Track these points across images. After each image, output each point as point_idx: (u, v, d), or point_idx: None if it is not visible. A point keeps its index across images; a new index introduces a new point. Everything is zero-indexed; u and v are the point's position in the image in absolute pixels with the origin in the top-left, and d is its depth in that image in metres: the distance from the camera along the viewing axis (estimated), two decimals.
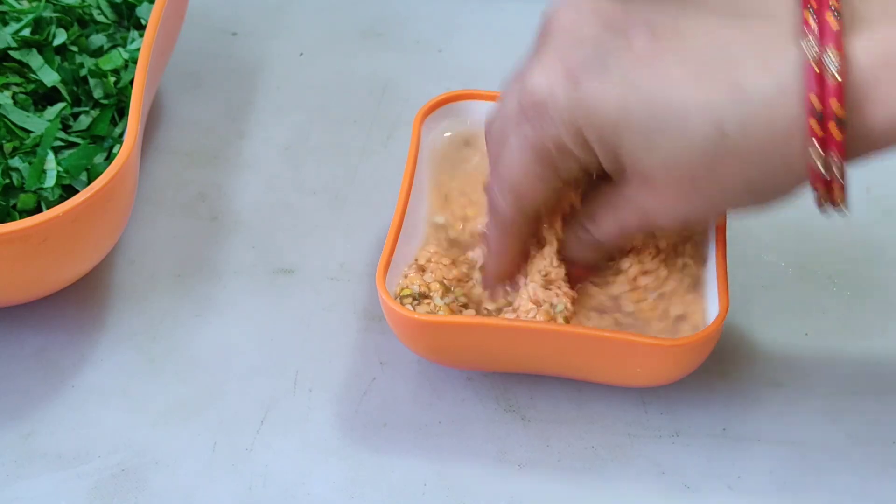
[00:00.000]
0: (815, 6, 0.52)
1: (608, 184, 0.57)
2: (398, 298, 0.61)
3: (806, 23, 0.52)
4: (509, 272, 0.61)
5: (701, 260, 0.62)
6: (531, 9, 0.80)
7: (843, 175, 0.53)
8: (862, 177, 0.71)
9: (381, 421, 0.62)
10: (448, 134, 0.67)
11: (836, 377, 0.63)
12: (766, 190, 0.54)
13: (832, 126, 0.51)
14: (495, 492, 0.59)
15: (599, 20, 0.55)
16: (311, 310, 0.66)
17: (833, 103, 0.51)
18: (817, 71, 0.51)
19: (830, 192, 0.53)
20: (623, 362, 0.59)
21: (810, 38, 0.51)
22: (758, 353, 0.64)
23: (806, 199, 0.71)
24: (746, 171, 0.53)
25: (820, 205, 0.55)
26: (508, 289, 0.62)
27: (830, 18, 0.51)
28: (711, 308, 0.60)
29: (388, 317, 0.60)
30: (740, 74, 0.52)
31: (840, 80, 0.51)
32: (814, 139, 0.52)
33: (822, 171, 0.52)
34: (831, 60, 0.51)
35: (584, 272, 0.62)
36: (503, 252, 0.60)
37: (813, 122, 0.51)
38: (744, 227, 0.68)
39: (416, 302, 0.61)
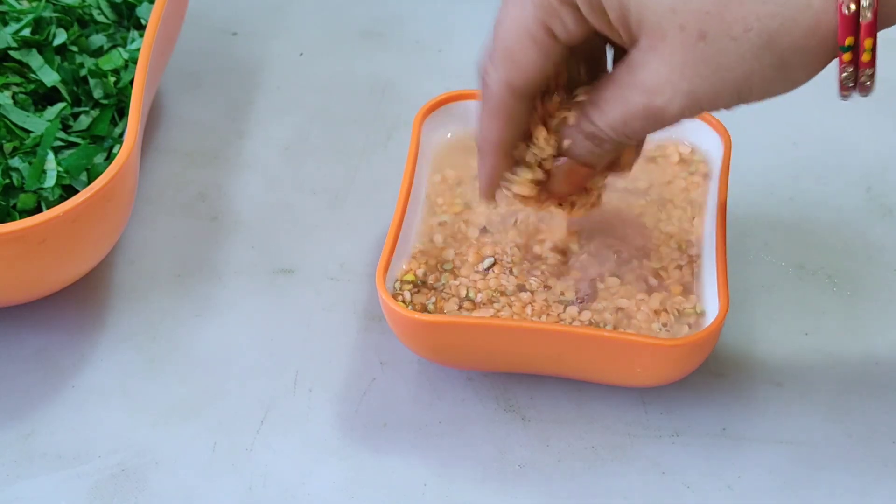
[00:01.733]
0: None
1: (617, 66, 0.54)
2: (398, 283, 0.61)
3: None
4: (503, 166, 0.58)
5: (701, 260, 0.63)
6: None
7: (874, 20, 0.49)
8: (862, 177, 0.72)
9: (381, 421, 0.62)
10: (448, 134, 0.67)
11: (836, 377, 0.63)
12: (784, 52, 0.50)
13: None
14: (495, 492, 0.59)
15: None
16: (311, 310, 0.66)
17: None
18: None
19: (860, 46, 0.50)
20: (623, 362, 0.59)
21: None
22: (758, 353, 0.64)
23: (806, 198, 0.71)
24: (764, 13, 0.49)
25: (847, 84, 0.51)
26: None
27: None
28: (711, 308, 0.60)
29: (388, 317, 0.60)
30: None
31: None
32: None
33: (849, 8, 0.48)
34: None
35: (574, 183, 0.58)
36: (494, 141, 0.57)
37: None
38: (744, 227, 0.68)
39: (415, 290, 0.61)
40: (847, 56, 0.50)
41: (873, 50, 0.50)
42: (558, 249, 0.63)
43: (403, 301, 0.61)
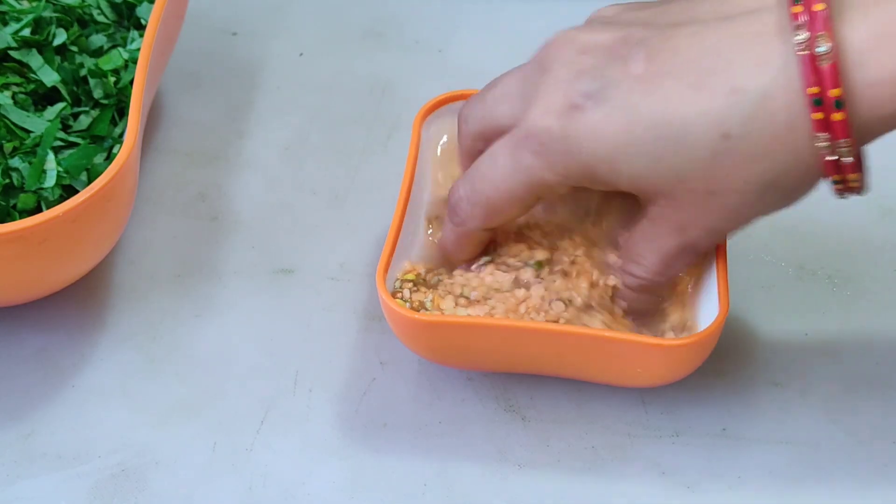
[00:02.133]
0: None
1: (639, 221, 0.58)
2: (399, 282, 0.61)
3: (794, 14, 0.52)
4: (464, 261, 0.63)
5: (701, 260, 0.62)
6: (531, 9, 0.81)
7: (856, 157, 0.53)
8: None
9: (381, 421, 0.62)
10: (448, 134, 0.67)
11: (836, 377, 0.63)
12: (783, 188, 0.55)
13: (832, 109, 0.52)
14: (495, 492, 0.59)
15: (597, 50, 0.56)
16: (311, 310, 0.66)
17: (829, 86, 0.51)
18: (809, 57, 0.52)
19: (846, 178, 0.54)
20: (623, 362, 0.59)
21: (800, 26, 0.52)
22: (758, 353, 0.64)
23: (807, 199, 0.71)
24: (758, 171, 0.54)
25: (841, 194, 0.56)
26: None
27: (818, 6, 0.52)
28: (711, 308, 0.60)
29: (388, 317, 0.60)
30: (735, 76, 0.53)
31: (833, 62, 0.51)
32: (816, 125, 0.52)
33: (831, 156, 0.53)
34: (823, 45, 0.51)
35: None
36: (458, 252, 0.62)
37: (813, 109, 0.52)
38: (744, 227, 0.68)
39: (415, 288, 0.61)
40: (839, 186, 0.55)
41: (860, 179, 0.55)
42: (554, 247, 0.63)
43: (402, 299, 0.61)
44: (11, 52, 0.67)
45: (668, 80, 0.54)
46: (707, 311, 0.60)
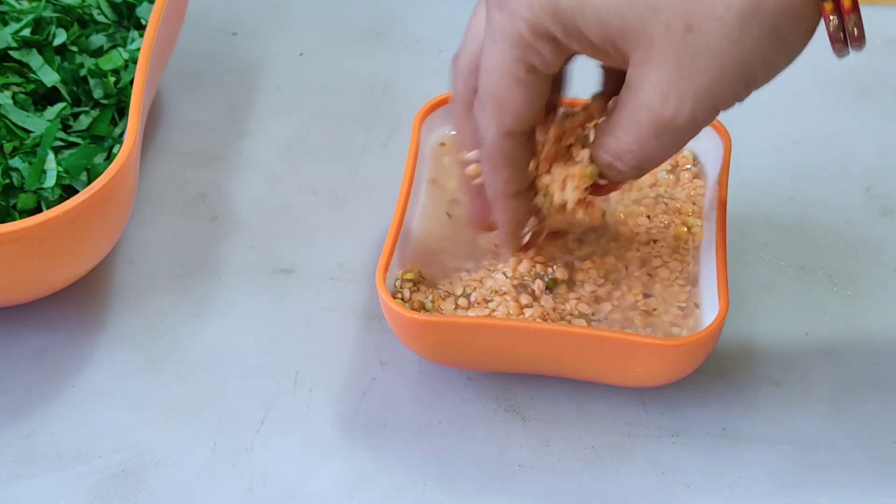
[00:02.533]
0: None
1: (620, 94, 0.53)
2: (399, 281, 0.61)
3: None
4: (522, 212, 0.58)
5: (701, 260, 0.63)
6: None
7: None
8: (862, 177, 0.72)
9: (381, 421, 0.62)
10: (449, 134, 0.67)
11: (836, 377, 0.63)
12: (772, 24, 0.49)
13: None
14: (495, 492, 0.59)
15: None
16: (311, 310, 0.66)
17: None
18: None
19: (842, 10, 0.49)
20: (623, 362, 0.59)
21: None
22: (758, 353, 0.64)
23: (806, 198, 0.71)
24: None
25: (839, 44, 0.50)
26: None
27: None
28: (711, 308, 0.60)
29: (388, 316, 0.60)
30: None
31: None
32: None
33: None
34: None
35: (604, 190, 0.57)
36: (507, 192, 0.57)
37: None
38: (744, 227, 0.68)
39: (415, 288, 0.61)
40: (829, 6, 0.49)
41: (859, 20, 0.49)
42: (558, 250, 0.63)
43: (402, 299, 0.61)
44: (11, 52, 0.67)
45: None
46: (707, 311, 0.60)
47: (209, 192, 0.71)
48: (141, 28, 0.71)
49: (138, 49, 0.68)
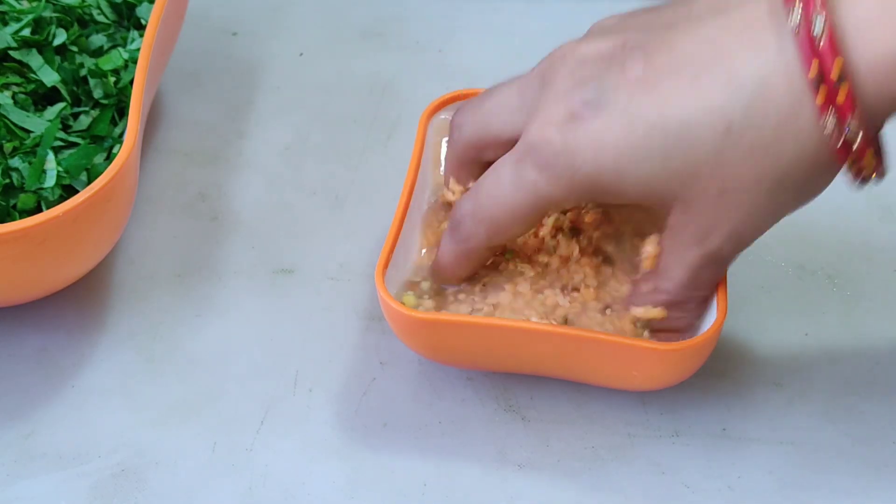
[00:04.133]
0: None
1: (663, 236, 0.58)
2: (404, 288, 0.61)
3: None
4: (459, 280, 0.62)
5: None
6: (531, 9, 0.81)
7: (866, 138, 0.51)
8: None
9: (381, 421, 0.62)
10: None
11: (836, 377, 0.63)
12: (796, 183, 0.53)
13: (834, 86, 0.50)
14: (495, 492, 0.59)
15: (596, 59, 0.55)
16: (311, 310, 0.66)
17: (829, 62, 0.50)
18: (806, 37, 0.50)
19: (860, 164, 0.52)
20: (620, 365, 0.59)
21: (795, 7, 0.51)
22: (758, 353, 0.64)
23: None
24: (767, 165, 0.52)
25: (860, 182, 0.54)
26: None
27: None
28: (710, 312, 0.60)
29: (388, 315, 0.60)
30: (733, 65, 0.52)
31: (830, 38, 0.50)
32: (820, 108, 0.51)
33: (839, 138, 0.51)
34: (819, 23, 0.50)
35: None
36: (457, 271, 0.61)
37: (815, 91, 0.50)
38: None
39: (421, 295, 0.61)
40: (854, 169, 0.53)
41: (877, 156, 0.53)
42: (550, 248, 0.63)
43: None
44: (11, 52, 0.67)
45: (666, 79, 0.53)
46: (706, 315, 0.60)
47: (209, 192, 0.71)
48: (141, 28, 0.71)
49: (138, 49, 0.68)
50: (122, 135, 0.66)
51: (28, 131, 0.65)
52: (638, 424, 0.62)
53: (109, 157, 0.65)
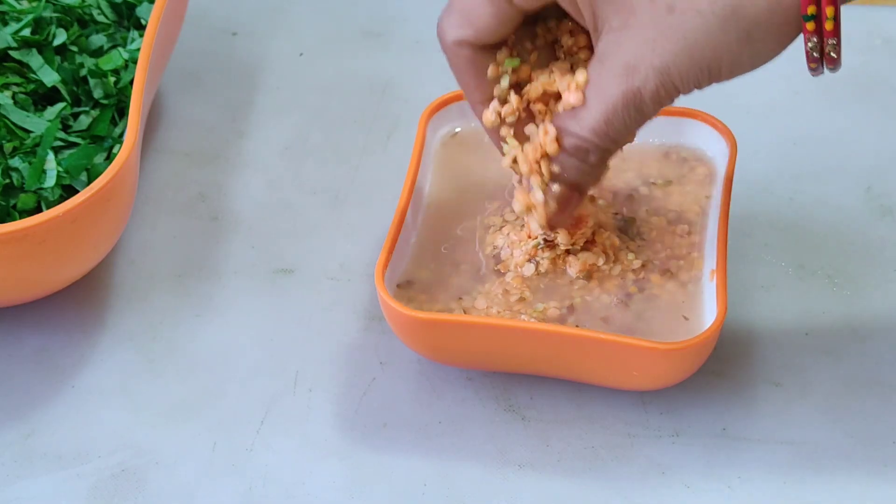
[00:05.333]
0: None
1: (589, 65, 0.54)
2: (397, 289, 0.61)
3: None
4: (481, 99, 0.58)
5: (701, 263, 0.62)
6: None
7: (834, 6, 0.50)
8: (862, 177, 0.72)
9: (381, 421, 0.62)
10: (458, 129, 0.67)
11: (836, 377, 0.63)
12: (751, 25, 0.50)
13: None
14: (495, 492, 0.59)
15: None
16: (311, 310, 0.66)
17: None
18: None
19: (821, 23, 0.50)
20: (619, 365, 0.59)
21: None
22: (758, 353, 0.64)
23: (806, 198, 0.71)
24: None
25: (814, 62, 0.52)
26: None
27: None
28: (710, 311, 0.60)
29: (388, 315, 0.60)
30: None
31: None
32: None
33: None
34: None
35: (569, 210, 0.58)
36: (479, 100, 0.58)
37: None
38: (744, 228, 0.68)
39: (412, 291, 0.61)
40: (811, 25, 0.50)
41: (835, 18, 0.50)
42: (555, 249, 0.63)
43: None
44: (11, 52, 0.67)
45: None
46: (706, 314, 0.60)
47: (209, 192, 0.71)
48: (141, 28, 0.71)
49: (138, 49, 0.68)
50: (122, 135, 0.66)
51: (28, 131, 0.65)
52: (638, 424, 0.62)
53: (109, 157, 0.65)
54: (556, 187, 0.57)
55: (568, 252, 0.62)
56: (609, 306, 0.61)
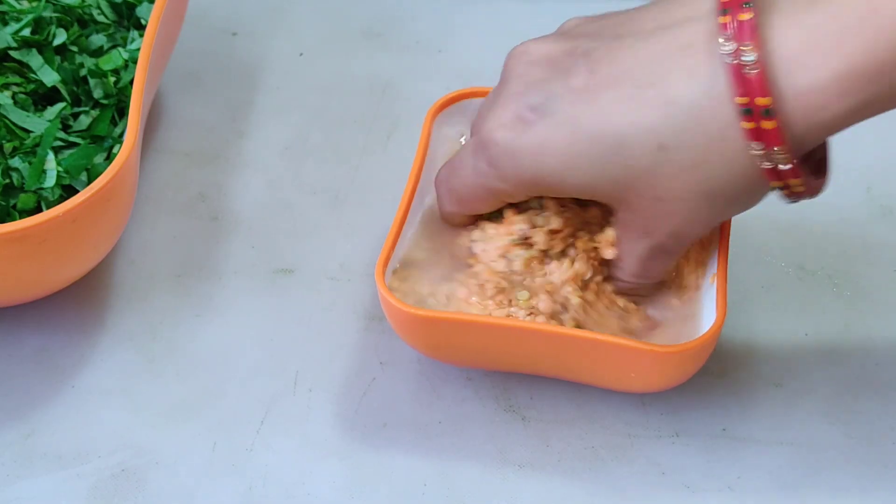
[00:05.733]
0: (730, 4, 0.53)
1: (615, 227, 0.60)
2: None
3: (722, 24, 0.53)
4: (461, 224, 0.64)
5: (702, 263, 0.62)
6: (531, 9, 0.81)
7: (795, 163, 0.53)
8: (862, 177, 0.72)
9: (381, 421, 0.62)
10: (460, 129, 0.67)
11: (836, 377, 0.63)
12: (729, 195, 0.55)
13: (761, 117, 0.52)
14: (495, 492, 0.59)
15: (546, 62, 0.58)
16: (311, 310, 0.66)
17: (757, 94, 0.52)
18: (736, 67, 0.52)
19: (789, 185, 0.55)
20: (617, 366, 0.59)
21: (728, 36, 0.52)
22: (758, 353, 0.64)
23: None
24: (697, 180, 0.55)
25: (790, 199, 0.56)
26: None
27: (744, 15, 0.52)
28: (709, 314, 0.60)
29: (387, 312, 0.60)
30: (669, 88, 0.54)
31: (760, 70, 0.51)
32: (747, 134, 0.53)
33: (768, 163, 0.53)
34: (749, 54, 0.52)
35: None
36: (451, 219, 0.63)
37: (743, 118, 0.52)
38: (744, 228, 0.68)
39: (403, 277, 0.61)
40: (785, 191, 0.55)
41: (803, 184, 0.55)
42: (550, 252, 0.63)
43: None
44: (11, 52, 0.67)
45: (607, 92, 0.55)
46: (705, 316, 0.60)
47: (209, 192, 0.71)
48: (141, 28, 0.71)
49: (138, 49, 0.68)
50: (122, 135, 0.66)
51: (28, 131, 0.65)
52: (638, 425, 0.62)
53: (109, 157, 0.65)
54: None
55: (545, 253, 0.61)
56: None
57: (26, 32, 0.67)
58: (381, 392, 0.63)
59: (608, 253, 0.60)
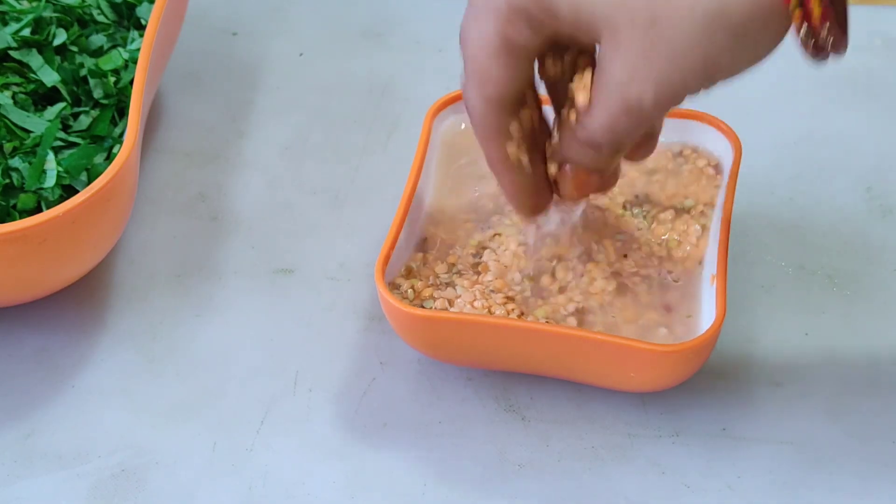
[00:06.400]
0: None
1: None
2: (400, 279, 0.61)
3: None
4: (521, 178, 0.58)
5: (702, 265, 0.62)
6: None
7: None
8: (862, 177, 0.72)
9: (381, 421, 0.62)
10: (462, 126, 0.67)
11: (836, 377, 0.63)
12: (734, 24, 0.50)
13: None
14: (495, 492, 0.59)
15: None
16: (311, 310, 0.66)
17: None
18: None
19: (813, 26, 0.49)
20: (617, 366, 0.59)
21: None
22: (758, 353, 0.64)
23: (806, 198, 0.71)
24: None
25: (812, 52, 0.51)
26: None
27: None
28: (709, 314, 0.60)
29: (387, 311, 0.60)
30: None
31: None
32: None
33: None
34: None
35: (584, 187, 0.58)
36: (501, 159, 0.58)
37: None
38: (744, 228, 0.68)
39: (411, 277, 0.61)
40: (798, 13, 0.49)
41: (822, 2, 0.49)
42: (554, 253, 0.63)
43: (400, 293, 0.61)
44: (11, 52, 0.67)
45: None
46: (704, 316, 0.60)
47: (209, 192, 0.71)
48: (141, 28, 0.71)
49: (138, 49, 0.68)
50: (122, 135, 0.66)
51: (28, 131, 0.65)
52: (638, 424, 0.62)
53: (109, 157, 0.65)
54: (568, 166, 0.58)
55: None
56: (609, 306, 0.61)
57: (26, 32, 0.67)
58: (381, 392, 0.63)
59: (580, 97, 0.55)
